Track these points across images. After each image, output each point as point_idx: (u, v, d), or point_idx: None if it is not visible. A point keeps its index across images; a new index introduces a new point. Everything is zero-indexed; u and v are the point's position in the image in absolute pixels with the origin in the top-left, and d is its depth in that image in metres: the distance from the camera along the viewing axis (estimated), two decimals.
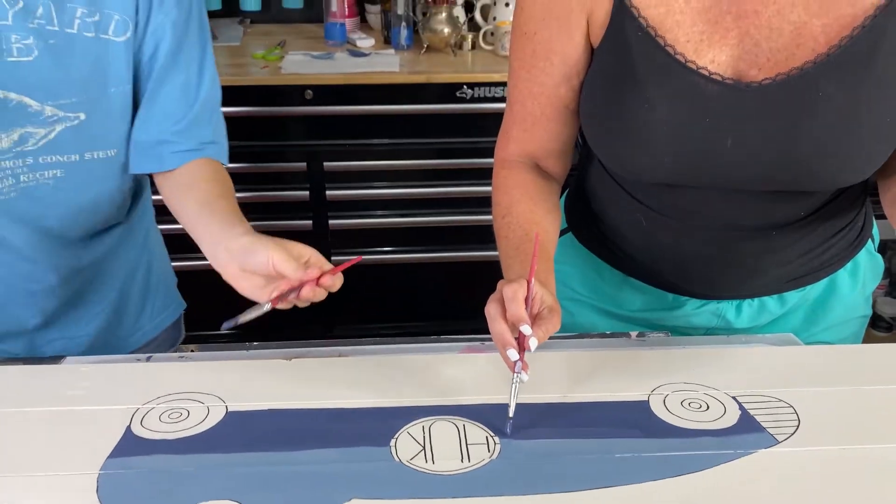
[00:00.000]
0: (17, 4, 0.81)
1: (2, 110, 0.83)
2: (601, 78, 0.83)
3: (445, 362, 0.83)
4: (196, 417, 0.73)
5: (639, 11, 0.77)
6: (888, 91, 0.75)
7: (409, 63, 2.02)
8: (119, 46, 0.87)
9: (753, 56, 0.76)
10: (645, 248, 0.94)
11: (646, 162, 0.82)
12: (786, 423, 0.73)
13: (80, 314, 1.01)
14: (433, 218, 2.10)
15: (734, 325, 0.96)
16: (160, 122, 0.92)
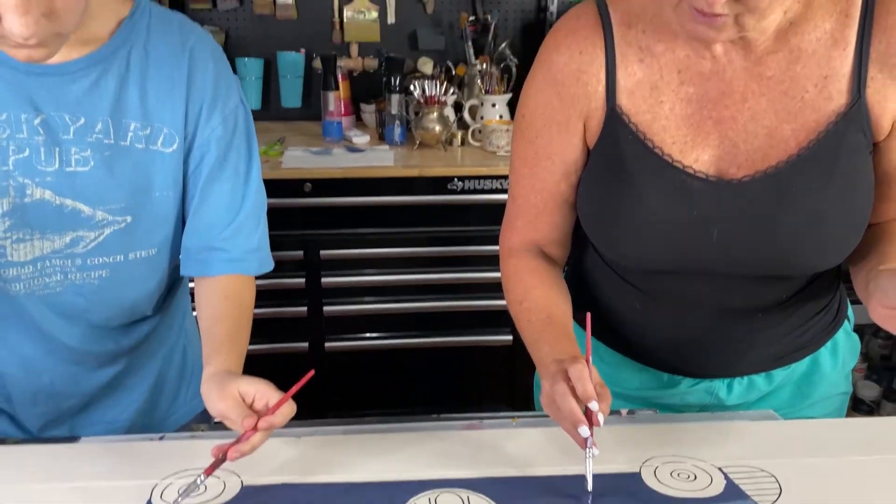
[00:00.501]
0: (79, 121, 0.88)
1: (57, 215, 0.89)
2: (597, 176, 0.91)
3: (448, 438, 0.88)
4: (214, 491, 0.78)
5: (629, 118, 0.87)
6: (852, 187, 0.85)
7: (402, 158, 2.14)
8: (166, 156, 0.93)
9: (732, 156, 0.86)
10: (641, 330, 1.00)
11: (640, 251, 0.90)
12: (768, 491, 0.78)
13: (120, 398, 1.05)
14: (425, 304, 2.17)
15: (726, 403, 1.02)
16: (208, 230, 0.97)
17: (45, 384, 0.99)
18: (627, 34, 0.87)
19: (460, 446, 0.86)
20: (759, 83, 0.84)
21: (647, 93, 0.87)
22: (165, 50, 0.91)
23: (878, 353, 2.50)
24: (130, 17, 0.90)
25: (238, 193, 0.98)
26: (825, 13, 0.82)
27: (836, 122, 0.83)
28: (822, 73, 0.82)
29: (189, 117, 0.93)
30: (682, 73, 0.85)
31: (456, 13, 2.49)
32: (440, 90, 2.21)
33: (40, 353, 0.97)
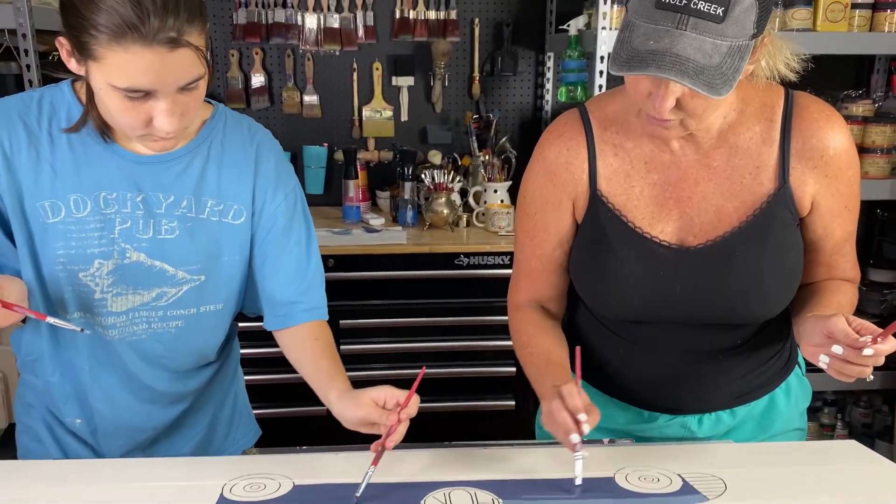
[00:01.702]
0: (169, 198, 1.07)
1: (148, 274, 1.07)
2: (584, 245, 1.13)
3: (457, 454, 1.07)
4: (271, 489, 0.97)
5: (608, 199, 1.09)
6: (784, 252, 1.06)
7: (414, 237, 2.36)
8: (235, 227, 1.11)
9: (689, 228, 1.07)
10: (623, 372, 1.18)
11: (620, 304, 1.10)
12: (716, 489, 0.97)
13: (183, 434, 1.21)
14: (434, 370, 2.34)
15: (697, 435, 1.18)
16: (286, 287, 1.14)
17: (125, 419, 1.15)
18: (604, 134, 1.09)
19: (468, 458, 1.06)
20: (707, 171, 1.06)
21: (622, 179, 1.08)
22: (237, 144, 1.12)
23: (860, 421, 2.64)
24: (212, 119, 1.12)
25: (304, 255, 1.16)
26: (755, 118, 1.05)
27: (768, 202, 1.04)
28: (755, 164, 1.05)
29: (256, 197, 1.12)
30: (648, 164, 1.08)
31: (461, 112, 2.77)
32: (448, 178, 2.45)
33: (124, 392, 1.14)
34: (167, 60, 0.90)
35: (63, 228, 1.03)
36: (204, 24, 0.95)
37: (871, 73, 2.72)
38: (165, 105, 0.93)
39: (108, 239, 1.05)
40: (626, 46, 0.89)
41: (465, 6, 2.70)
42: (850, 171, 1.06)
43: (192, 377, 1.20)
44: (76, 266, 1.05)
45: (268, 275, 1.15)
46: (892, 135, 2.21)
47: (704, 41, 0.86)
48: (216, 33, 2.65)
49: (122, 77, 0.90)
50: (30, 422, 1.20)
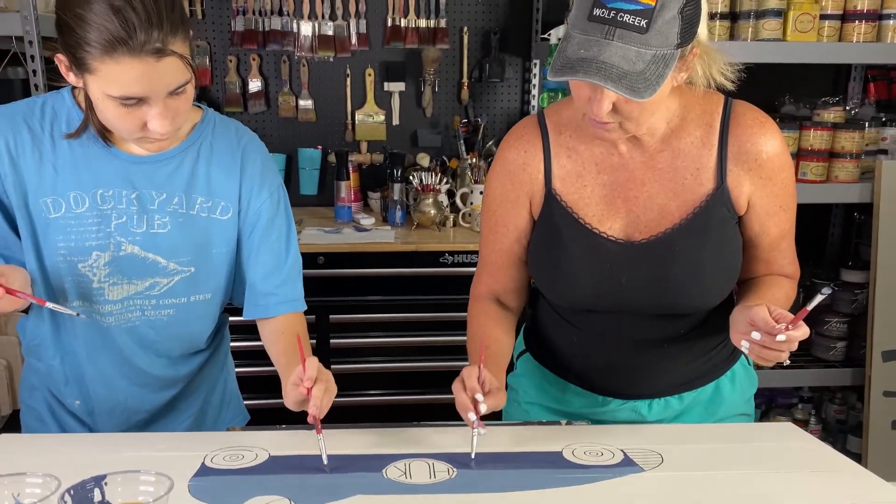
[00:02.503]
0: (161, 195, 1.16)
1: (142, 265, 1.16)
2: (540, 239, 1.21)
3: (422, 433, 1.17)
4: (248, 459, 1.06)
5: (561, 197, 1.18)
6: (722, 247, 1.15)
7: (402, 236, 2.46)
8: (222, 223, 1.20)
9: (635, 225, 1.16)
10: (578, 359, 1.28)
11: (571, 293, 1.19)
12: (653, 462, 1.06)
13: (175, 416, 1.30)
14: (421, 364, 2.44)
15: (647, 419, 1.27)
16: (264, 280, 1.22)
17: (120, 400, 1.25)
18: (559, 138, 1.18)
19: (427, 435, 1.15)
20: (652, 173, 1.15)
21: (574, 179, 1.17)
22: (225, 146, 1.21)
23: (834, 417, 2.73)
24: (201, 122, 1.21)
25: (283, 250, 1.24)
26: (696, 124, 1.14)
27: (707, 201, 1.13)
28: (696, 165, 1.14)
29: (242, 194, 1.21)
30: (598, 165, 1.16)
31: (451, 116, 2.87)
32: (436, 180, 2.55)
33: (119, 375, 1.23)
34: (156, 69, 0.99)
35: (63, 223, 1.12)
36: (187, 33, 1.03)
37: (848, 80, 2.81)
38: (158, 109, 1.03)
39: (104, 232, 1.14)
40: (562, 55, 0.99)
41: (455, 15, 2.80)
42: (784, 174, 1.15)
43: (184, 363, 1.29)
44: (75, 257, 1.14)
45: (250, 267, 1.24)
46: (860, 140, 2.30)
47: (629, 50, 0.94)
48: (215, 40, 2.76)
49: (116, 87, 0.99)
50: (33, 403, 1.29)
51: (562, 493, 0.97)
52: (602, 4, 0.95)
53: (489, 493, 0.96)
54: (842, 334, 2.52)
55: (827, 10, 2.23)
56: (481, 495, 0.96)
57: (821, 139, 2.31)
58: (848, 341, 2.53)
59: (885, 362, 2.34)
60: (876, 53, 2.27)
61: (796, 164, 2.34)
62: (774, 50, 2.19)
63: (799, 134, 2.33)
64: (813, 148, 2.32)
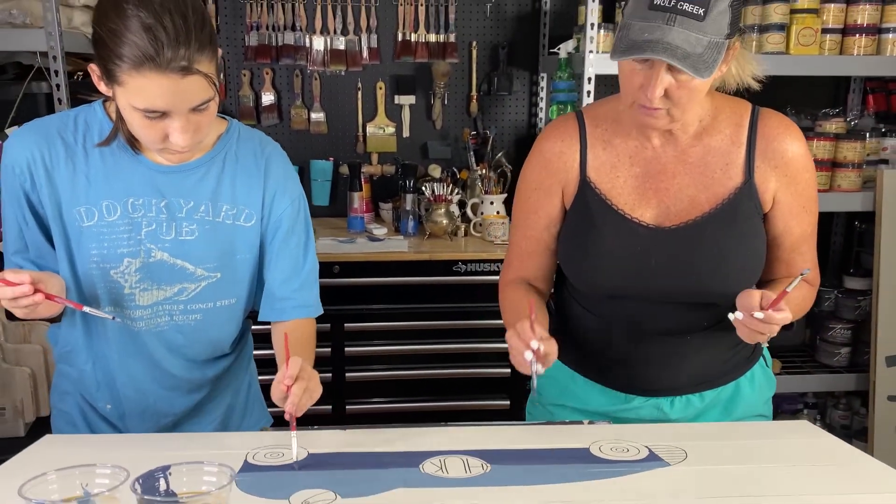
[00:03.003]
0: (189, 203, 1.20)
1: (171, 271, 1.20)
2: (573, 225, 1.27)
3: (454, 430, 1.22)
4: (289, 456, 1.10)
5: (595, 185, 1.25)
6: (747, 238, 1.21)
7: (414, 246, 2.50)
8: (246, 229, 1.24)
9: (666, 213, 1.22)
10: (602, 352, 1.32)
11: (602, 276, 1.24)
12: (678, 457, 1.11)
13: (201, 419, 1.34)
14: (433, 371, 2.48)
15: (670, 417, 1.31)
16: (282, 285, 1.27)
17: (150, 404, 1.28)
18: (595, 131, 1.26)
19: (461, 433, 1.20)
20: (684, 166, 1.22)
21: (608, 170, 1.25)
22: (249, 156, 1.25)
23: (839, 422, 2.77)
24: (226, 133, 1.25)
25: (301, 257, 1.29)
26: (726, 123, 1.22)
27: (735, 194, 1.21)
28: (725, 161, 1.21)
29: (265, 202, 1.25)
30: (632, 158, 1.24)
31: (460, 128, 2.93)
32: (447, 191, 2.60)
33: (149, 379, 1.27)
34: (180, 85, 1.03)
35: (96, 231, 1.17)
36: (214, 52, 1.08)
37: (848, 92, 2.88)
38: (179, 123, 1.07)
39: (135, 240, 1.18)
40: (625, 39, 1.07)
41: (464, 30, 2.86)
42: (807, 175, 1.23)
43: (210, 367, 1.33)
44: (108, 264, 1.18)
45: (269, 271, 1.28)
46: (861, 150, 2.37)
47: (689, 35, 1.04)
48: (229, 54, 2.82)
49: (141, 100, 1.04)
50: (65, 407, 1.33)
51: (591, 485, 1.01)
52: None
53: (522, 485, 1.01)
54: (846, 340, 2.57)
55: (828, 25, 2.30)
56: (515, 488, 1.00)
57: (823, 149, 2.37)
58: (852, 347, 2.58)
59: (888, 367, 2.40)
60: (876, 66, 2.33)
61: None
62: (778, 63, 2.26)
63: None
64: (816, 158, 2.38)
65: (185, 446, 1.14)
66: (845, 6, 2.30)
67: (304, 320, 1.31)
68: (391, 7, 2.81)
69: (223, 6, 2.78)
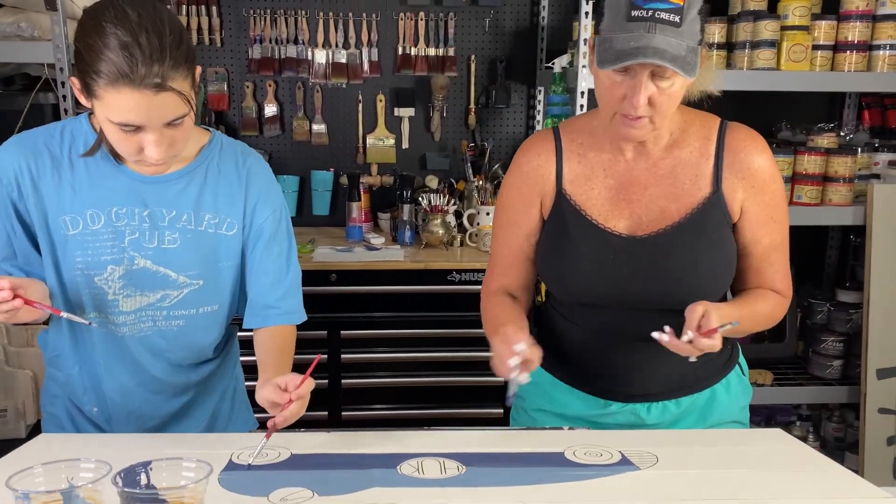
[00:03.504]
0: (171, 213, 1.23)
1: (153, 278, 1.23)
2: (550, 235, 1.31)
3: (434, 435, 1.25)
4: (272, 456, 1.14)
5: (571, 197, 1.29)
6: (716, 247, 1.25)
7: (411, 255, 2.54)
8: (228, 238, 1.27)
9: (638, 223, 1.26)
10: (580, 359, 1.35)
11: (578, 284, 1.28)
12: (649, 462, 1.14)
13: (187, 423, 1.37)
14: (427, 379, 2.51)
15: (647, 422, 1.34)
16: (265, 293, 1.30)
17: (135, 407, 1.32)
18: (570, 145, 1.31)
19: (438, 437, 1.23)
20: (655, 178, 1.27)
21: (583, 182, 1.29)
22: (231, 167, 1.28)
23: (833, 435, 2.78)
24: (209, 144, 1.29)
25: (283, 265, 1.32)
26: (695, 136, 1.27)
27: (703, 204, 1.25)
28: (694, 172, 1.26)
29: (246, 212, 1.29)
30: (606, 170, 1.28)
31: (458, 140, 2.98)
32: (444, 201, 2.64)
33: (134, 383, 1.30)
34: (153, 101, 1.06)
35: (81, 239, 1.20)
36: (190, 70, 1.11)
37: (843, 107, 2.91)
38: (153, 137, 1.10)
39: (119, 248, 1.22)
40: (609, 51, 1.11)
41: (463, 44, 2.92)
42: (774, 186, 1.27)
43: (194, 371, 1.36)
44: (92, 271, 1.22)
45: (252, 280, 1.32)
46: (852, 165, 2.39)
47: (671, 40, 1.09)
48: (233, 66, 2.88)
49: (116, 114, 1.07)
50: (54, 410, 1.37)
51: (562, 487, 1.04)
52: (638, 6, 1.10)
53: (495, 486, 1.04)
54: (838, 353, 2.59)
55: (819, 41, 2.34)
56: (488, 489, 1.03)
57: (815, 164, 2.40)
58: (844, 360, 2.60)
59: (879, 380, 2.41)
60: (866, 83, 2.37)
61: (791, 187, 2.43)
62: (769, 79, 2.29)
63: (794, 159, 2.42)
64: (807, 172, 2.41)
65: (172, 446, 1.18)
66: (836, 23, 2.34)
67: (286, 326, 1.34)
68: (392, 22, 2.87)
69: (227, 20, 2.84)
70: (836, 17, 2.35)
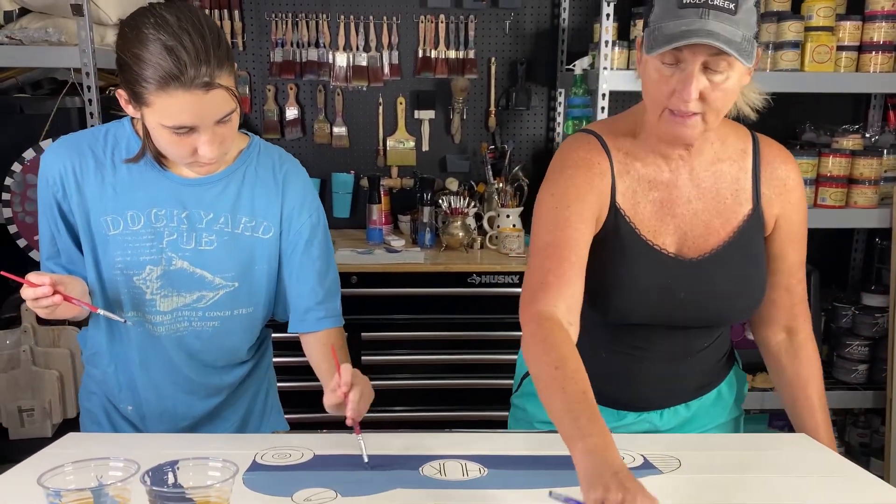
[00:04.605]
0: (209, 215, 1.25)
1: (190, 279, 1.25)
2: (605, 254, 1.20)
3: (456, 437, 1.25)
4: (296, 457, 1.15)
5: (624, 211, 1.20)
6: (760, 262, 1.24)
7: (431, 257, 2.55)
8: (264, 241, 1.28)
9: (685, 241, 1.23)
10: (601, 376, 1.28)
11: (630, 307, 1.21)
12: (672, 465, 1.13)
13: (218, 424, 1.39)
14: (448, 381, 2.52)
15: (660, 428, 1.34)
16: (308, 295, 1.30)
17: (169, 406, 1.34)
18: (617, 154, 1.21)
19: (461, 438, 1.24)
20: (697, 191, 1.22)
21: (630, 196, 1.22)
22: (268, 171, 1.30)
23: (858, 440, 2.75)
24: (247, 148, 1.31)
25: (323, 269, 1.32)
26: (733, 149, 1.24)
27: (747, 220, 1.23)
28: (735, 187, 1.23)
29: (283, 215, 1.30)
30: (650, 183, 1.22)
31: (478, 143, 2.98)
32: (464, 204, 2.64)
33: (168, 382, 1.32)
34: (204, 101, 1.10)
35: (121, 239, 1.23)
36: (231, 66, 1.14)
37: (869, 108, 2.88)
38: (206, 137, 1.13)
39: (157, 248, 1.24)
40: (661, 35, 1.05)
41: (483, 46, 2.92)
42: (804, 204, 1.26)
43: (227, 373, 1.37)
44: (131, 271, 1.24)
45: (292, 285, 1.32)
46: (878, 167, 2.36)
47: (725, 26, 1.03)
48: (255, 70, 2.90)
49: (169, 117, 1.10)
50: (91, 407, 1.40)
51: None
52: None
53: (517, 489, 1.04)
54: (863, 357, 2.56)
55: (844, 42, 2.31)
56: (510, 492, 1.04)
57: (839, 166, 2.37)
58: (870, 364, 2.56)
59: None
60: (892, 83, 2.34)
61: (815, 189, 2.41)
62: (792, 80, 2.27)
63: (818, 160, 2.40)
64: (832, 174, 2.38)
65: (198, 446, 1.20)
66: (861, 23, 2.31)
67: (334, 330, 1.34)
68: (412, 24, 2.88)
69: (249, 23, 2.87)
70: (861, 17, 2.32)
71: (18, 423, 2.11)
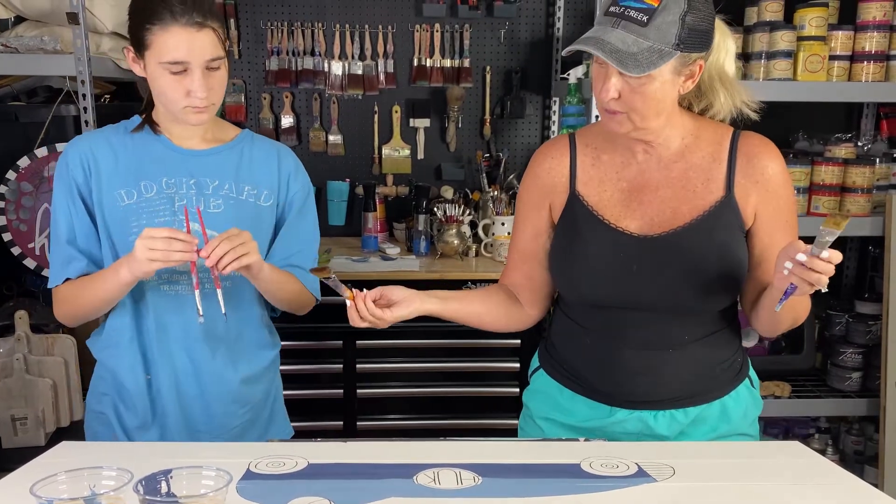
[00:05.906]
0: (215, 182, 1.41)
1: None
2: (561, 237, 1.34)
3: (450, 446, 1.25)
4: (290, 465, 1.15)
5: (584, 199, 1.32)
6: (726, 251, 1.26)
7: (426, 265, 2.56)
8: (265, 208, 1.45)
9: (649, 223, 1.28)
10: (588, 365, 1.36)
11: (588, 285, 1.30)
12: (665, 473, 1.13)
13: (224, 422, 1.45)
14: (442, 389, 2.52)
15: (655, 431, 1.34)
16: (293, 254, 1.47)
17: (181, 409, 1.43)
18: (585, 148, 1.35)
19: (455, 447, 1.24)
20: (667, 180, 1.29)
21: (596, 184, 1.32)
22: (263, 149, 1.48)
23: (852, 448, 2.75)
24: (242, 133, 1.49)
25: (312, 230, 1.52)
26: (708, 142, 1.29)
27: (715, 207, 1.27)
28: (706, 176, 1.27)
29: (280, 185, 1.47)
30: (618, 173, 1.31)
31: (473, 151, 2.99)
32: (459, 212, 2.65)
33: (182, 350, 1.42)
34: (195, 38, 1.28)
35: (136, 207, 1.37)
36: (221, 22, 1.34)
37: (861, 117, 2.89)
38: (198, 76, 1.30)
39: (171, 211, 1.38)
40: (578, 40, 1.18)
41: (478, 55, 2.93)
42: (787, 191, 1.28)
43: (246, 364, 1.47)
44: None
45: (279, 242, 1.48)
46: (871, 176, 2.38)
47: (628, 36, 1.13)
48: (251, 78, 2.91)
49: (166, 53, 1.28)
50: (101, 408, 1.47)
51: (579, 499, 1.04)
52: (616, 3, 1.15)
53: (512, 497, 1.04)
54: (857, 365, 2.56)
55: (836, 51, 2.33)
56: (504, 500, 1.04)
57: (832, 174, 2.39)
58: (863, 372, 2.57)
59: None
60: (884, 92, 2.35)
61: (808, 198, 2.42)
62: (785, 89, 2.29)
63: (811, 169, 2.41)
64: (825, 183, 2.39)
65: (192, 455, 1.20)
66: (853, 33, 2.33)
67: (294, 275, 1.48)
68: (407, 33, 2.89)
69: (245, 32, 2.88)
70: (853, 27, 2.34)
71: (11, 431, 2.10)
